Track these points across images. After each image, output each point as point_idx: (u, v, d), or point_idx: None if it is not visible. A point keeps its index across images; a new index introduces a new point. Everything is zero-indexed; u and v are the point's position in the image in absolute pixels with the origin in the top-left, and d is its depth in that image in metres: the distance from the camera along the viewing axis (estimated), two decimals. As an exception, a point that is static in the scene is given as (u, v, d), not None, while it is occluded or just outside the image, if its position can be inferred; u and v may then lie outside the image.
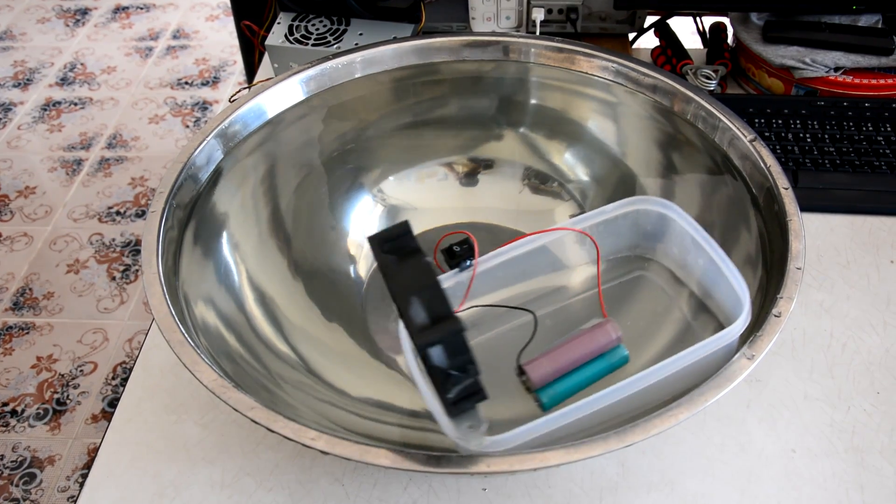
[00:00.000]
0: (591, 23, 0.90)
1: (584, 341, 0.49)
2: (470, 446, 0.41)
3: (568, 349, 0.49)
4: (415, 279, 0.37)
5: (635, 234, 0.59)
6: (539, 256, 0.56)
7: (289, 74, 0.64)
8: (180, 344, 0.45)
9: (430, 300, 0.37)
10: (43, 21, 2.37)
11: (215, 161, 0.59)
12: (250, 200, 0.61)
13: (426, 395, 0.43)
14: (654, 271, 0.60)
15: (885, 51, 0.78)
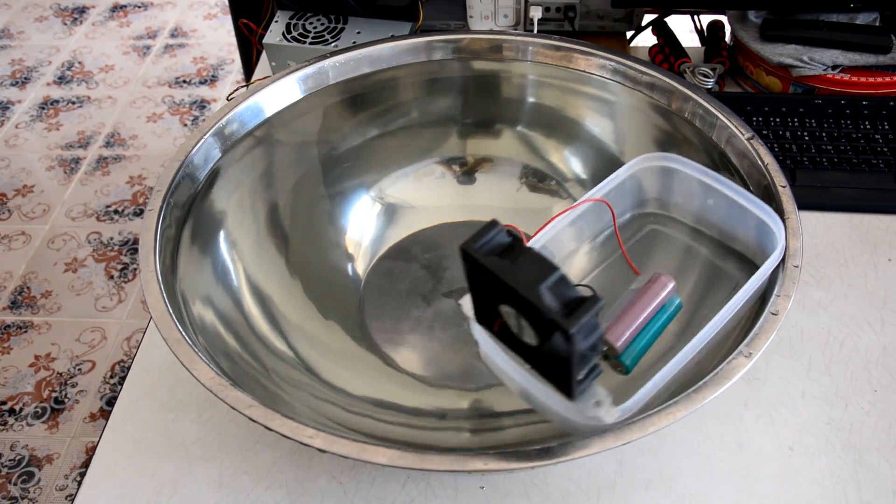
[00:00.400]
0: (589, 21, 0.90)
1: (647, 298, 0.50)
2: (608, 419, 0.40)
3: (635, 310, 0.50)
4: (536, 271, 0.37)
5: (638, 193, 0.60)
6: (558, 238, 0.56)
7: (286, 73, 0.64)
8: (178, 342, 0.45)
9: (558, 287, 0.37)
10: (41, 19, 2.37)
11: (213, 160, 0.59)
12: (248, 199, 0.61)
13: (538, 390, 0.42)
14: (666, 224, 0.60)
15: (882, 49, 0.78)
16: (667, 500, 0.51)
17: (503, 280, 0.37)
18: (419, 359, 0.59)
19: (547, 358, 0.40)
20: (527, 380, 0.44)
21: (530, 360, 0.42)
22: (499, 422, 0.54)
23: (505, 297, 0.39)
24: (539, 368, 0.42)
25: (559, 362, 0.39)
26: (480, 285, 0.41)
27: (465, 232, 0.67)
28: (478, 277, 0.40)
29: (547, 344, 0.39)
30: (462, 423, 0.55)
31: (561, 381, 0.41)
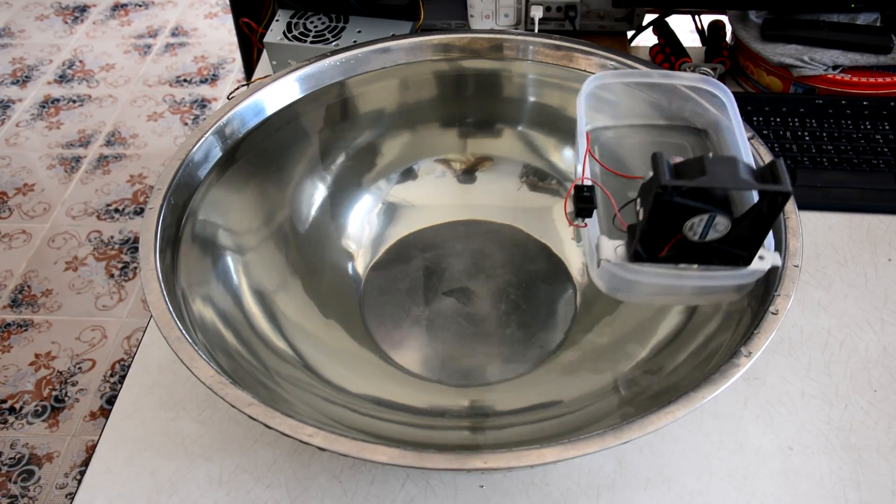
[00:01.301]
0: (590, 21, 0.90)
1: None
2: (777, 262, 0.46)
3: None
4: (727, 169, 0.41)
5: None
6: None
7: (287, 72, 0.64)
8: (178, 340, 0.45)
9: (748, 169, 0.41)
10: (41, 18, 2.37)
11: (213, 158, 0.59)
12: (248, 197, 0.61)
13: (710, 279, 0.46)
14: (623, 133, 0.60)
15: (883, 49, 0.78)
16: (666, 499, 0.51)
17: (711, 189, 0.41)
18: (419, 357, 0.59)
19: (727, 241, 0.44)
20: (697, 278, 0.47)
21: (700, 258, 0.46)
22: (498, 420, 0.54)
23: (696, 210, 0.42)
24: (709, 260, 0.46)
25: (751, 234, 0.44)
26: (665, 217, 0.43)
27: (465, 231, 0.67)
28: (664, 211, 0.42)
29: (737, 227, 0.43)
30: (462, 422, 0.55)
31: (741, 252, 0.45)
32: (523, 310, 0.62)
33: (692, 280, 0.47)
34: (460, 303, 0.63)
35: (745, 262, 0.46)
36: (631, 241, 0.46)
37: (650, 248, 0.45)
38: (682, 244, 0.45)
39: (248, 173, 0.62)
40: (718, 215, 0.43)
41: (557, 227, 0.67)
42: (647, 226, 0.43)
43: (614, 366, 0.55)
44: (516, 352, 0.59)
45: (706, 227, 0.44)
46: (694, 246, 0.45)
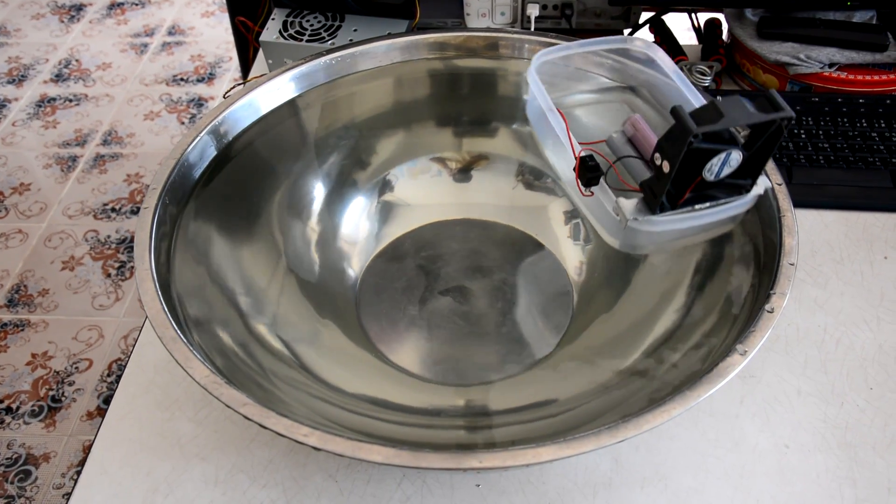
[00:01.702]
0: (586, 19, 0.90)
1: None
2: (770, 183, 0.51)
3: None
4: (737, 110, 0.45)
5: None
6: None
7: (282, 70, 0.63)
8: (173, 341, 0.45)
9: (751, 104, 0.46)
10: (38, 17, 2.37)
11: (209, 157, 0.59)
12: (243, 197, 0.61)
13: (721, 212, 0.50)
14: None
15: (879, 47, 0.78)
16: (662, 497, 0.51)
17: (731, 130, 0.46)
18: (415, 357, 0.59)
19: (735, 174, 0.48)
20: (708, 215, 0.50)
21: (711, 196, 0.50)
22: (494, 420, 0.54)
23: (715, 151, 0.46)
24: (717, 196, 0.50)
25: (754, 163, 0.49)
26: (689, 163, 0.47)
27: (461, 230, 0.67)
28: (690, 158, 0.46)
29: (750, 156, 0.48)
30: (458, 421, 0.55)
31: (745, 182, 0.50)
32: (519, 309, 0.62)
33: (704, 218, 0.51)
34: (456, 302, 0.63)
35: (747, 190, 0.50)
36: (650, 196, 0.49)
37: (672, 197, 0.49)
38: (698, 187, 0.48)
39: (243, 172, 0.62)
40: (734, 151, 0.47)
41: (553, 226, 0.67)
42: (676, 175, 0.46)
43: (610, 364, 0.55)
44: (512, 351, 0.59)
45: (722, 165, 0.48)
46: (707, 185, 0.48)
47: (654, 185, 0.48)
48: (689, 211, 0.50)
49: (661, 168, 0.47)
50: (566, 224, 0.67)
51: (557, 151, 0.55)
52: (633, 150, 0.54)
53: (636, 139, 0.54)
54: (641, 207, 0.49)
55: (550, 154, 0.57)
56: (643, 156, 0.53)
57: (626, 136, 0.55)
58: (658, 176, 0.48)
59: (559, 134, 0.53)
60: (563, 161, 0.55)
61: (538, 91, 0.55)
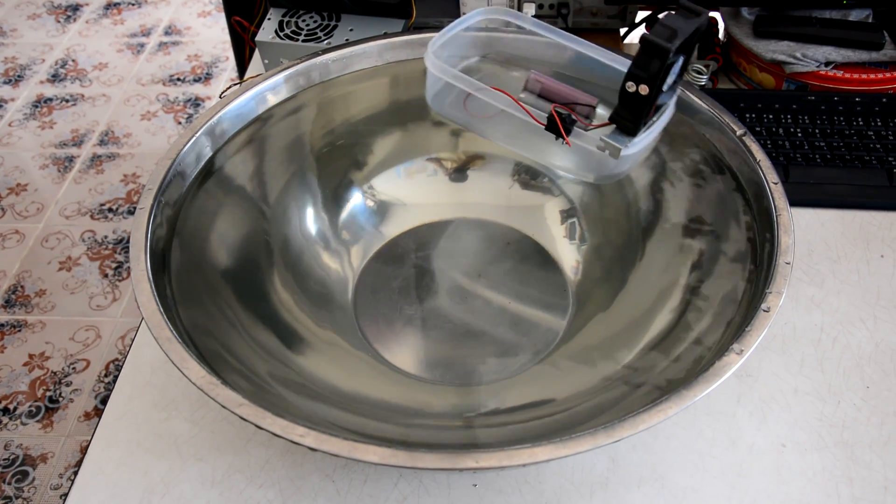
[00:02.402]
0: (583, 18, 0.90)
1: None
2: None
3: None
4: (676, 17, 0.49)
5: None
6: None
7: (278, 70, 0.63)
8: (169, 341, 0.45)
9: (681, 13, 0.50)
10: (34, 17, 2.36)
11: (204, 158, 0.59)
12: (239, 196, 0.61)
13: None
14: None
15: (875, 45, 0.78)
16: (660, 496, 0.51)
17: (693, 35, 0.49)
18: (411, 356, 0.59)
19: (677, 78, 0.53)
20: (657, 128, 0.54)
21: (659, 103, 0.53)
22: (491, 419, 0.54)
23: (672, 64, 0.50)
24: (661, 102, 0.53)
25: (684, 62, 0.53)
26: (660, 80, 0.50)
27: (457, 230, 0.67)
28: (663, 74, 0.49)
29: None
30: (454, 421, 0.55)
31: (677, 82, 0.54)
32: (515, 308, 0.62)
33: (657, 128, 0.54)
34: (453, 301, 0.63)
35: (675, 91, 0.56)
36: (627, 123, 0.52)
37: (645, 120, 0.53)
38: (652, 103, 0.52)
39: (239, 172, 0.62)
40: (680, 58, 0.52)
41: (549, 225, 0.67)
42: (652, 95, 0.50)
43: (607, 363, 0.55)
44: (508, 350, 0.59)
45: (675, 74, 0.52)
46: (654, 99, 0.51)
47: (631, 111, 0.51)
48: (652, 125, 0.53)
49: (639, 93, 0.50)
50: (562, 223, 0.67)
51: (495, 124, 0.58)
52: (549, 101, 0.57)
53: (547, 91, 0.57)
54: (621, 136, 0.53)
55: (489, 130, 0.60)
56: (570, 101, 0.57)
57: (536, 93, 0.57)
58: (636, 101, 0.51)
59: (505, 107, 0.55)
60: (502, 132, 0.59)
61: (456, 76, 0.56)
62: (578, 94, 0.57)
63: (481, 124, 0.60)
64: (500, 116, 0.56)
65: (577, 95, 0.57)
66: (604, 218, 0.65)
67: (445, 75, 0.56)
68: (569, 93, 0.57)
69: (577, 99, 0.56)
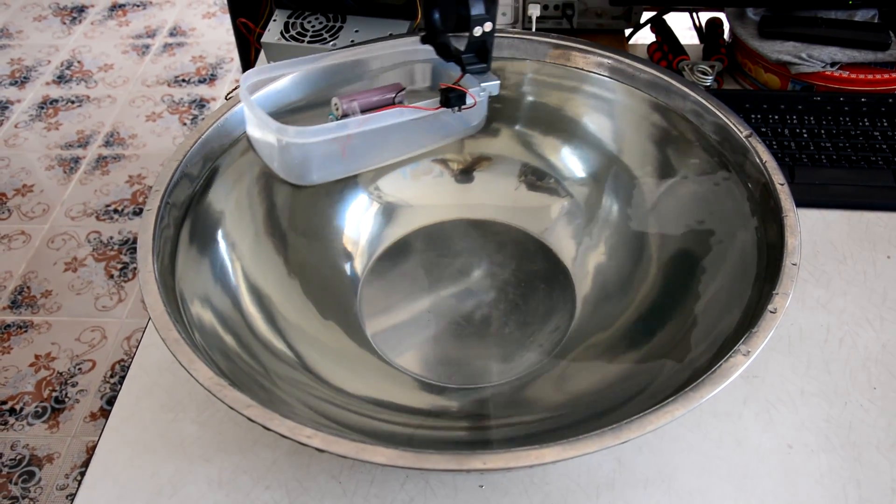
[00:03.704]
0: (588, 19, 0.90)
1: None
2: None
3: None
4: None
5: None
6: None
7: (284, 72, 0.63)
8: (176, 342, 0.45)
9: None
10: (40, 19, 2.37)
11: (211, 159, 0.59)
12: (246, 198, 0.61)
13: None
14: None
15: (881, 46, 0.78)
16: (666, 498, 0.51)
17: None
18: (417, 358, 0.59)
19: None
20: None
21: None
22: (497, 420, 0.54)
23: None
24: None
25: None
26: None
27: (463, 231, 0.68)
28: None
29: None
30: (460, 422, 0.55)
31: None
32: (522, 309, 0.62)
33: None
34: (459, 302, 0.63)
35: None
36: (480, 64, 0.57)
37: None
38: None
39: (245, 173, 0.62)
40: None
41: (556, 226, 0.67)
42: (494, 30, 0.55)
43: (613, 364, 0.55)
44: (515, 352, 0.59)
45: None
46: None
47: (480, 52, 0.56)
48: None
49: (485, 33, 0.54)
50: (569, 224, 0.67)
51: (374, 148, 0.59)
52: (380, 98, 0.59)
53: (364, 105, 0.58)
54: (480, 77, 0.57)
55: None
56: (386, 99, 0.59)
57: (357, 112, 0.57)
58: (483, 42, 0.55)
59: (402, 118, 0.56)
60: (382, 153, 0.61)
61: (339, 126, 0.55)
62: (385, 90, 0.59)
63: (360, 160, 0.60)
64: (378, 137, 0.57)
65: (385, 92, 0.59)
66: (609, 219, 0.65)
67: (322, 134, 0.54)
68: (380, 95, 0.59)
69: (389, 92, 0.59)
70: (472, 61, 0.57)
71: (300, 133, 0.53)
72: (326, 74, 0.61)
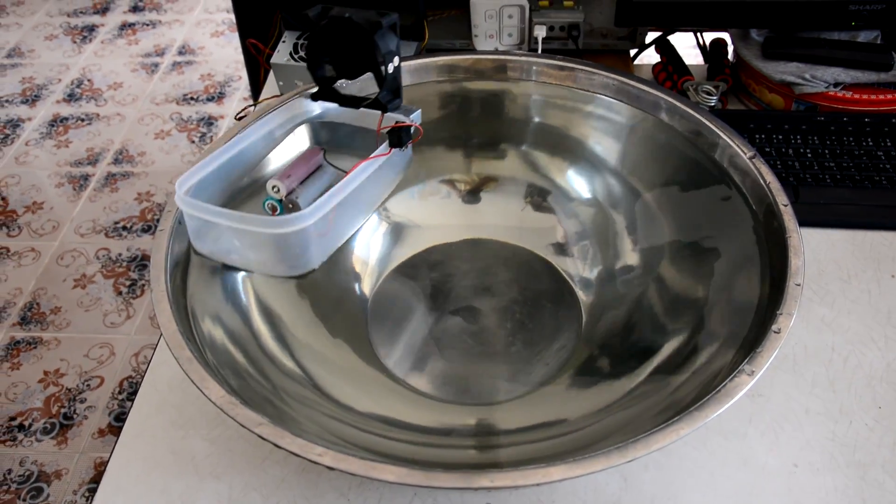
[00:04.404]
0: (593, 39, 0.91)
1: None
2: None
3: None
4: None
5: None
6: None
7: (294, 94, 0.64)
8: (188, 361, 0.46)
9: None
10: (51, 38, 2.40)
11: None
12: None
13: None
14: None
15: (883, 66, 0.79)
16: (672, 516, 0.52)
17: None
18: (426, 376, 0.60)
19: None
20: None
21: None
22: (504, 439, 0.55)
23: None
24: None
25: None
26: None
27: (470, 251, 0.68)
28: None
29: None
30: (468, 441, 0.55)
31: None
32: (529, 328, 0.63)
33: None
34: (466, 321, 0.64)
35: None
36: (394, 98, 0.57)
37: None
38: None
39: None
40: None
41: (562, 247, 0.68)
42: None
43: (619, 383, 0.56)
44: (522, 370, 0.60)
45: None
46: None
47: (392, 87, 0.56)
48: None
49: (395, 68, 0.54)
50: (575, 244, 0.67)
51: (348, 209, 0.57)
52: (315, 177, 0.59)
53: (299, 176, 0.58)
54: (396, 113, 0.57)
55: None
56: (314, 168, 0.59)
57: (297, 183, 0.57)
58: (394, 78, 0.55)
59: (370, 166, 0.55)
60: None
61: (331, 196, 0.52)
62: (307, 158, 0.59)
63: (343, 229, 0.58)
64: (352, 198, 0.54)
65: (309, 160, 0.59)
66: (614, 239, 0.66)
67: (321, 209, 0.51)
68: (306, 165, 0.58)
69: (313, 158, 0.59)
70: (388, 98, 0.56)
71: (300, 218, 0.50)
72: (234, 163, 0.58)
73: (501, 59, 0.68)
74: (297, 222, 0.50)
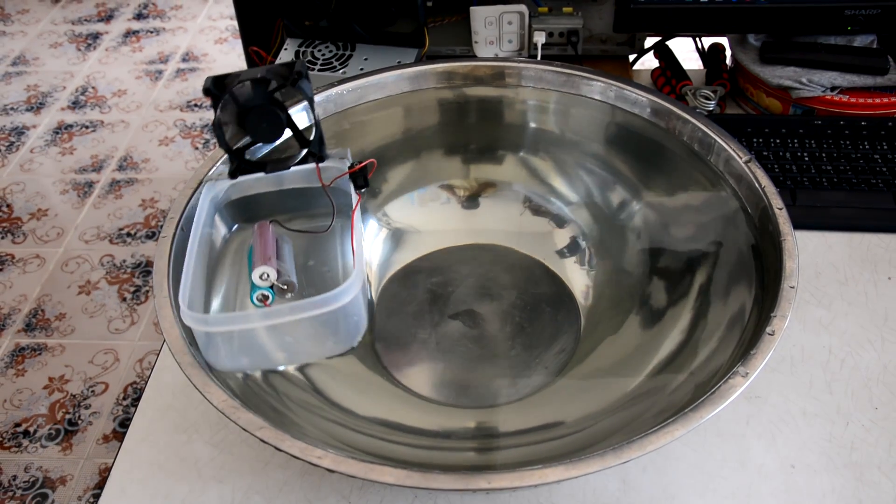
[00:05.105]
0: (592, 45, 0.92)
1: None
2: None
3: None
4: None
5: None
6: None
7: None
8: (191, 366, 0.47)
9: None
10: (55, 46, 2.41)
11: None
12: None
13: None
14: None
15: (880, 70, 0.80)
16: (670, 517, 0.52)
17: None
18: (425, 380, 0.61)
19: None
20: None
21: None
22: (503, 441, 0.55)
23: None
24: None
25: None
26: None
27: (470, 256, 0.69)
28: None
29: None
30: (467, 443, 0.56)
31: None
32: (528, 332, 0.63)
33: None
34: (466, 326, 0.64)
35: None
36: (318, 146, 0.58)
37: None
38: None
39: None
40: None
41: (560, 251, 0.68)
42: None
43: (617, 386, 0.56)
44: (521, 373, 0.60)
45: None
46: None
47: (320, 139, 0.58)
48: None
49: (317, 122, 0.56)
50: (573, 248, 0.68)
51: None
52: (281, 249, 0.59)
53: (270, 251, 0.57)
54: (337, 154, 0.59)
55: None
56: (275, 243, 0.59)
57: (264, 242, 0.58)
58: (317, 129, 0.57)
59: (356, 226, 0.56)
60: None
61: (358, 275, 0.51)
62: (263, 233, 0.59)
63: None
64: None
65: (265, 236, 0.59)
66: (612, 244, 0.66)
67: (358, 281, 0.50)
68: (271, 240, 0.58)
69: (267, 232, 0.59)
70: (318, 147, 0.58)
71: (352, 283, 0.49)
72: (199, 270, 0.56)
73: (499, 66, 0.68)
74: (352, 288, 0.49)
